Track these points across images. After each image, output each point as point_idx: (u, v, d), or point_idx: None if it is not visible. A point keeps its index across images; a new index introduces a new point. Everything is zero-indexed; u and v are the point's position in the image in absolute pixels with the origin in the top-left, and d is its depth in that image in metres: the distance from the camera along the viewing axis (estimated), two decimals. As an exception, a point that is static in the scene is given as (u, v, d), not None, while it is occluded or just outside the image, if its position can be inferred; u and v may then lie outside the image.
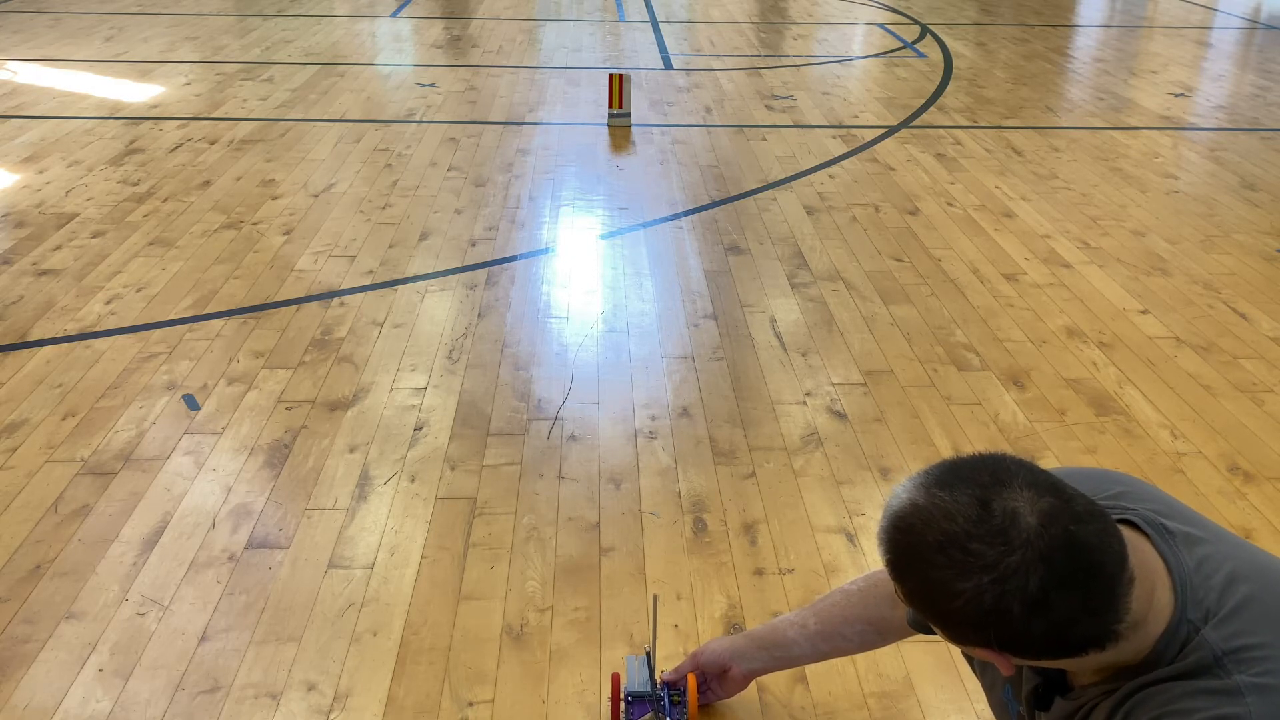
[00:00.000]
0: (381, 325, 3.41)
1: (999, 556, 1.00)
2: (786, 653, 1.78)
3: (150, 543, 2.39)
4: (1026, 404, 3.00)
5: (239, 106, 5.86)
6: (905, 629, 1.63)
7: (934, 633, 1.57)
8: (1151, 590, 1.09)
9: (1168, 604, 1.10)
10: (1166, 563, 1.12)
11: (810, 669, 2.05)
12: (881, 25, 8.61)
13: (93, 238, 4.05)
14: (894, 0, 9.63)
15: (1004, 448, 2.79)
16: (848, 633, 1.69)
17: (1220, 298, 3.69)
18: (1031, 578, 0.99)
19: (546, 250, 4.05)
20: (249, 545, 2.39)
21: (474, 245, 4.06)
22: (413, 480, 2.64)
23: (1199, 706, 1.04)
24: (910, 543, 1.06)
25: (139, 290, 3.62)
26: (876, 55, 7.56)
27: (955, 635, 1.07)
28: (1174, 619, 1.09)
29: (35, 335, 3.32)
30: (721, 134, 5.52)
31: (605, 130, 5.57)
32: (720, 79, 6.72)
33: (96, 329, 3.36)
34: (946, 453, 2.77)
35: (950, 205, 4.53)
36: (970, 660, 1.41)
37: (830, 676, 2.05)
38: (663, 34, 8.17)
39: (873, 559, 2.38)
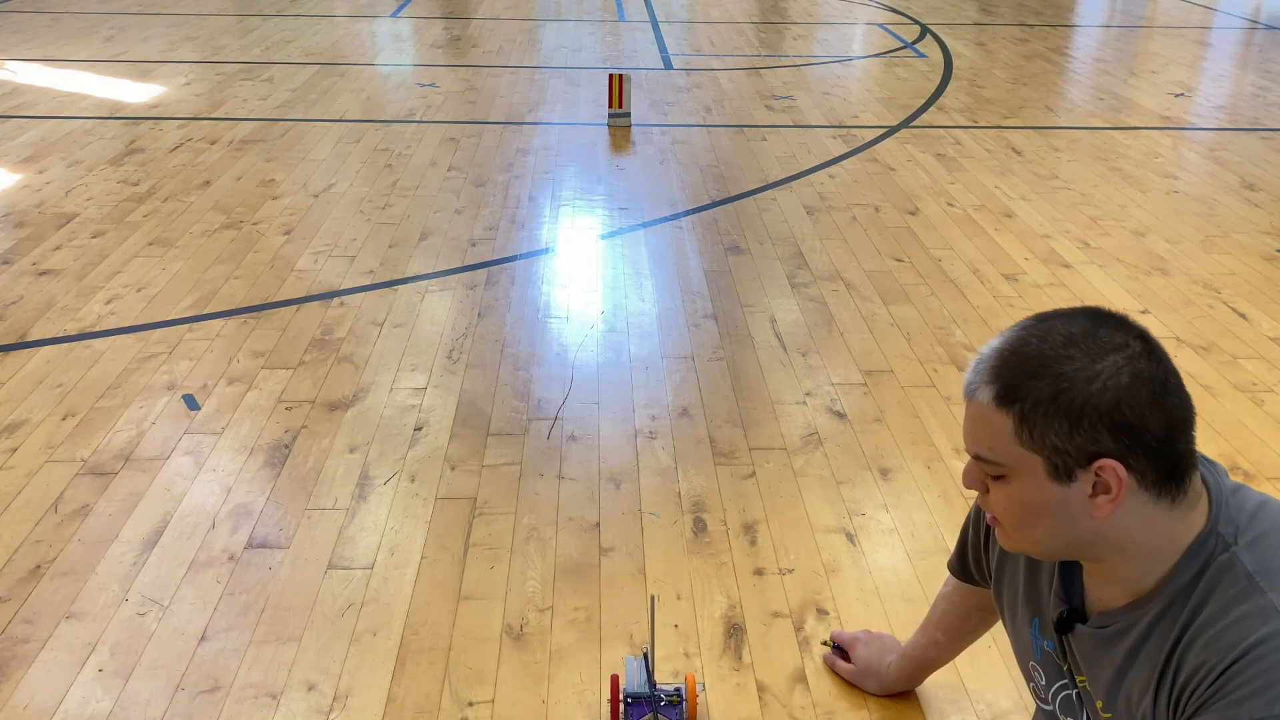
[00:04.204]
0: (381, 325, 3.41)
1: (1125, 339, 1.09)
2: (934, 668, 1.95)
3: (150, 543, 2.39)
4: (1026, 404, 3.00)
5: (239, 106, 5.86)
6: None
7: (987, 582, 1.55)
8: (1197, 499, 1.15)
9: (1203, 514, 1.15)
10: (1205, 481, 1.16)
11: (810, 669, 2.06)
12: (881, 25, 8.61)
13: (93, 238, 4.05)
14: (894, 0, 9.63)
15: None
16: (970, 626, 1.81)
17: (1220, 298, 3.69)
18: (1153, 363, 1.09)
19: (546, 250, 4.05)
20: (249, 545, 2.39)
21: (474, 245, 4.06)
22: (413, 480, 2.64)
23: (1242, 633, 1.07)
24: (1033, 353, 1.10)
25: (139, 290, 3.62)
26: (876, 55, 7.56)
27: (1078, 437, 1.09)
28: (1205, 530, 1.13)
29: (35, 335, 3.32)
30: (721, 134, 5.52)
31: (605, 130, 5.57)
32: (720, 79, 6.72)
33: (96, 329, 3.36)
34: (946, 453, 2.77)
35: (950, 205, 4.52)
36: (999, 600, 1.44)
37: (830, 676, 2.05)
38: (663, 34, 8.17)
39: (873, 558, 2.38)
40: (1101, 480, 1.09)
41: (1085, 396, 1.07)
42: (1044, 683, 1.37)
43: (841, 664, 2.02)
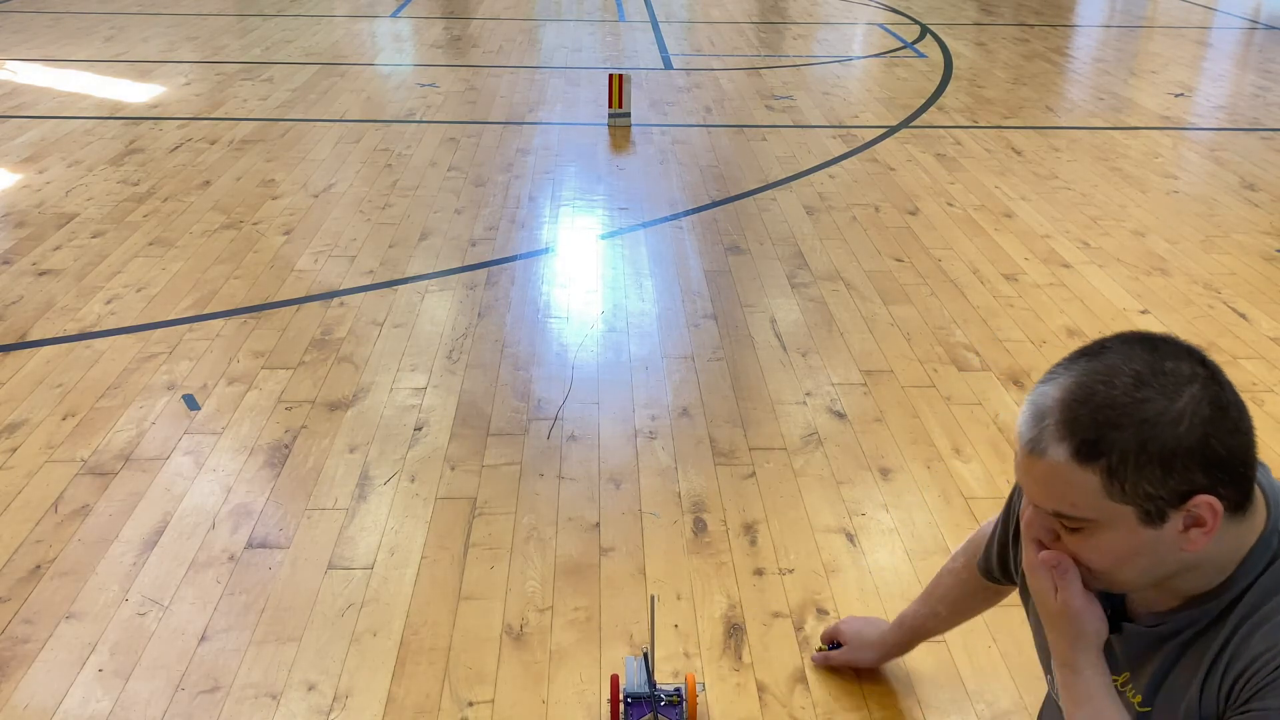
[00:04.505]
0: (381, 325, 3.41)
1: (1191, 368, 1.04)
2: (928, 637, 1.93)
3: (150, 543, 2.39)
4: (1026, 404, 3.00)
5: (239, 106, 5.86)
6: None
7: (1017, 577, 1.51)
8: (1256, 501, 1.13)
9: (1262, 516, 1.13)
10: (1258, 482, 1.14)
11: (810, 669, 2.06)
12: (881, 25, 8.61)
13: (93, 238, 4.05)
14: (894, 0, 9.63)
15: (1004, 448, 2.80)
16: (975, 604, 1.79)
17: (1220, 298, 3.69)
18: (1221, 386, 1.05)
19: (546, 250, 4.05)
20: (249, 545, 2.39)
21: (474, 245, 4.06)
22: (413, 480, 2.64)
23: None
24: (1105, 401, 1.05)
25: (139, 290, 3.62)
26: (876, 55, 7.56)
27: (1172, 481, 1.05)
28: (1267, 530, 1.13)
29: (35, 335, 3.32)
30: (721, 134, 5.52)
31: (605, 130, 5.57)
32: (720, 79, 6.72)
33: (96, 329, 3.36)
34: (946, 453, 2.77)
35: (950, 205, 4.52)
36: (1025, 598, 1.42)
37: (830, 676, 2.05)
38: (663, 34, 8.17)
39: (873, 558, 2.38)
40: (1194, 515, 1.06)
41: (1174, 440, 1.03)
42: None
43: (834, 655, 2.03)
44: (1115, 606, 1.25)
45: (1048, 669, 1.42)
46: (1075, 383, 1.08)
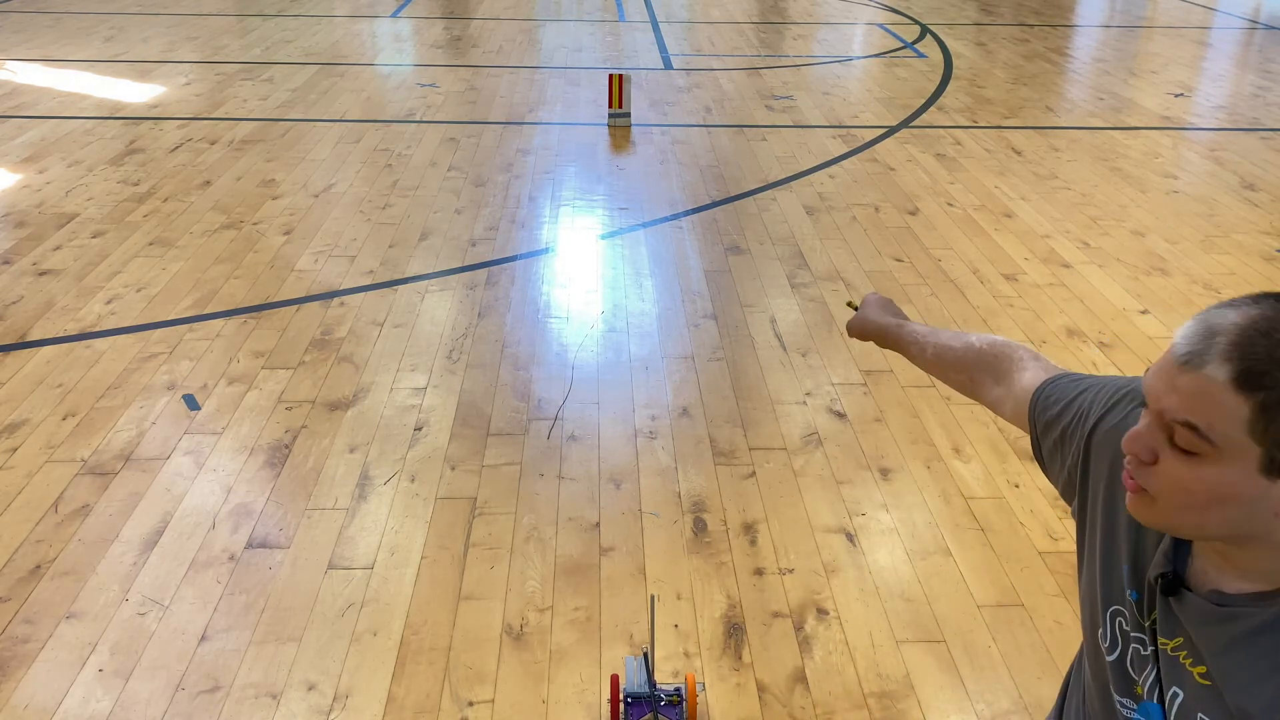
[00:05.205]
0: (381, 325, 3.41)
1: None
2: (901, 353, 1.82)
3: (150, 543, 2.39)
4: (1026, 404, 3.00)
5: (239, 106, 5.86)
6: (998, 404, 1.58)
7: (1042, 445, 1.45)
8: None
9: None
10: None
11: (810, 669, 2.05)
12: (881, 25, 8.61)
13: (93, 238, 4.05)
14: (894, 0, 9.63)
15: (1003, 447, 2.80)
16: (950, 375, 1.72)
17: (1220, 298, 3.68)
18: None
19: (546, 250, 4.05)
20: (249, 545, 2.39)
21: (474, 245, 4.06)
22: (413, 480, 2.64)
23: None
24: None
25: (139, 290, 3.62)
26: (876, 55, 7.56)
27: None
28: None
29: (35, 335, 3.32)
30: (721, 134, 5.52)
31: (605, 130, 5.57)
32: (720, 79, 6.72)
33: (96, 329, 3.36)
34: (946, 453, 2.77)
35: (950, 205, 4.52)
36: (1080, 545, 1.36)
37: (830, 676, 2.05)
38: (663, 34, 8.17)
39: (873, 558, 2.38)
40: None
41: None
42: (1127, 628, 1.32)
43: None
44: (1178, 571, 1.22)
45: (1100, 621, 1.36)
46: (1261, 314, 1.05)
